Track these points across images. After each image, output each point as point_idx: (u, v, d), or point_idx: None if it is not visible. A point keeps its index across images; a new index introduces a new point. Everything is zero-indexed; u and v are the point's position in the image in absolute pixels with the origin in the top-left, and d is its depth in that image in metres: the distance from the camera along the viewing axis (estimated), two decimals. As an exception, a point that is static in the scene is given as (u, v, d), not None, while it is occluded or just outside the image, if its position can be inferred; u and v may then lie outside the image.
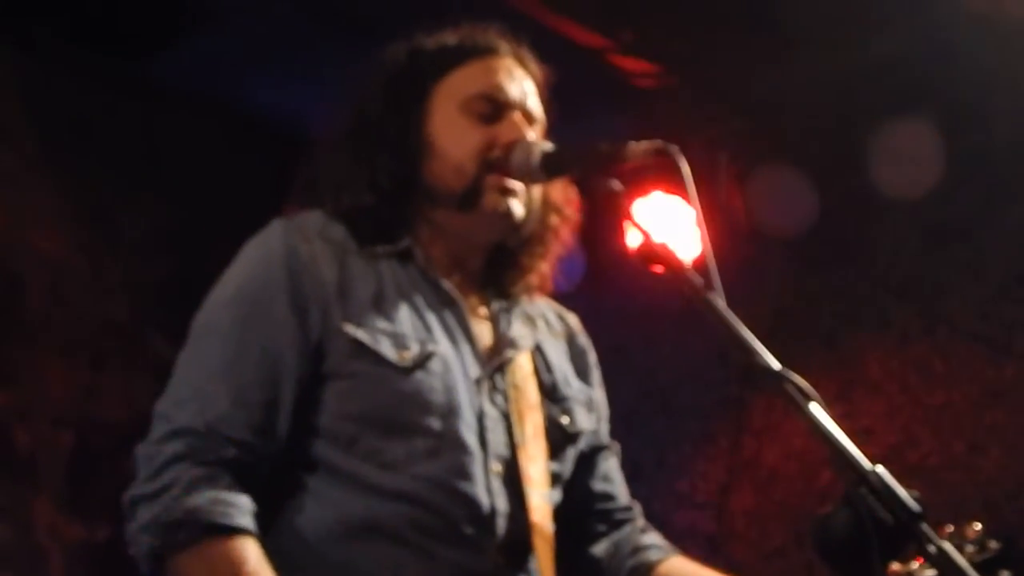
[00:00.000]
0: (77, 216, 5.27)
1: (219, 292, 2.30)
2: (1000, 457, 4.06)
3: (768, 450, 4.49)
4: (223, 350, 2.22)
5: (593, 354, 2.61)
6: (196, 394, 2.19)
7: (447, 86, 2.42)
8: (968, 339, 4.36)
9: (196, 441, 2.13)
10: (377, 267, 2.33)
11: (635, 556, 2.49)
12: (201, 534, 2.06)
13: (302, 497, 2.24)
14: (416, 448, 2.19)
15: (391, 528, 2.17)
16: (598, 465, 2.54)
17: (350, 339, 2.20)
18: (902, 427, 4.32)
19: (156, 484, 2.11)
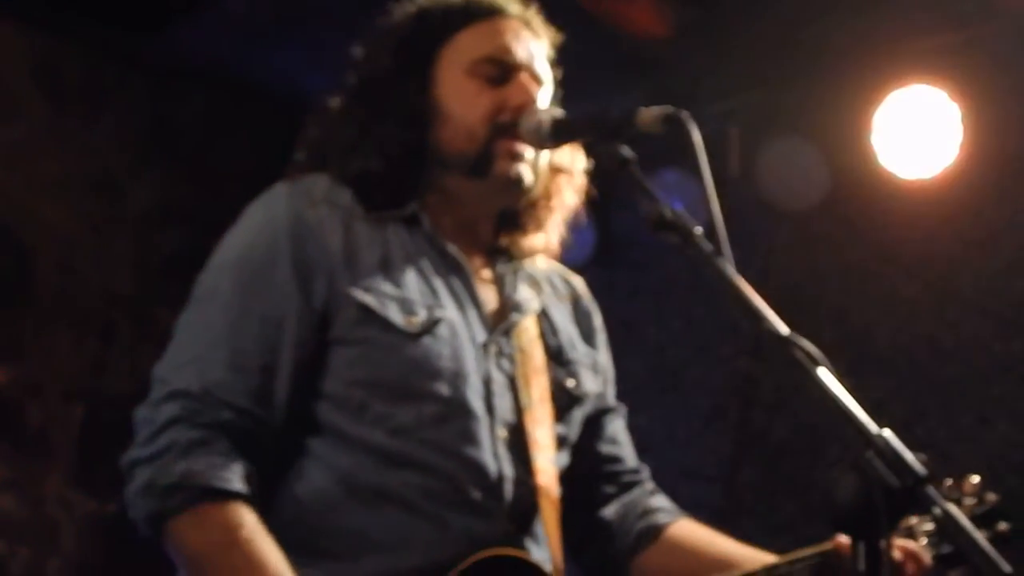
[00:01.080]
0: (87, 189, 5.27)
1: (221, 255, 2.32)
2: (1007, 430, 4.08)
3: (777, 425, 4.50)
4: (223, 315, 2.23)
5: (599, 317, 2.62)
6: (195, 358, 2.19)
7: (454, 49, 2.42)
8: (977, 314, 4.38)
9: (193, 404, 2.14)
10: (383, 232, 2.33)
11: (644, 519, 2.50)
12: (196, 498, 2.08)
13: (309, 464, 2.25)
14: (424, 414, 2.20)
15: (401, 495, 2.18)
16: (605, 428, 2.56)
17: (358, 304, 2.21)
18: (911, 401, 4.34)
19: (153, 447, 2.12)
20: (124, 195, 5.29)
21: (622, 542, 2.50)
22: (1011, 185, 4.38)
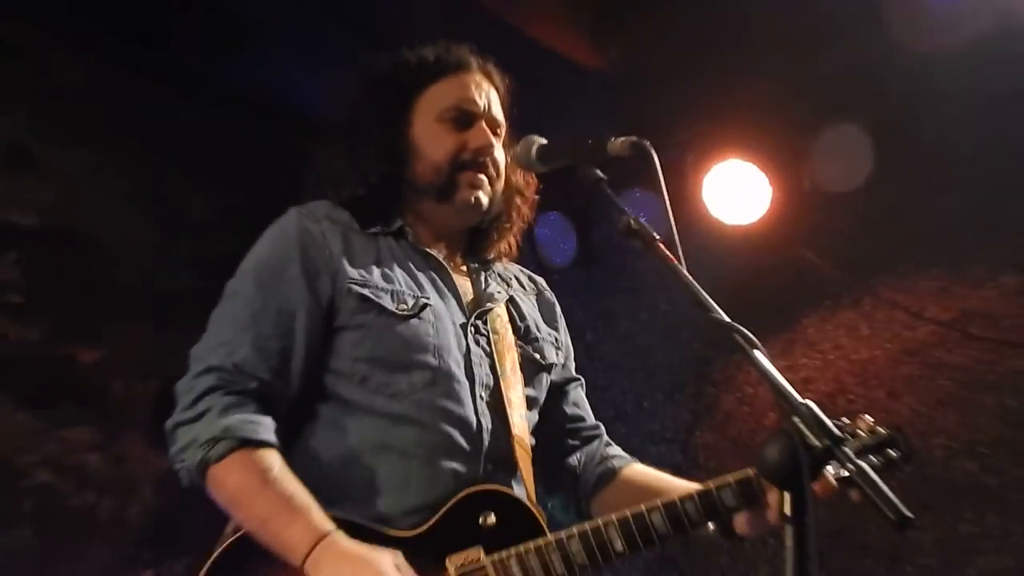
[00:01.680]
0: (154, 201, 5.29)
1: (245, 264, 2.38)
2: (913, 403, 4.13)
3: (725, 397, 4.54)
4: (247, 309, 2.30)
5: (558, 306, 2.71)
6: (225, 342, 2.26)
7: (426, 99, 2.50)
8: (888, 307, 4.42)
9: (226, 376, 2.21)
10: (376, 243, 2.42)
11: (603, 464, 2.57)
12: (234, 447, 2.14)
13: (323, 427, 2.32)
14: (416, 380, 2.28)
15: (400, 446, 2.25)
16: (568, 394, 2.64)
17: (357, 296, 2.30)
18: (834, 378, 4.35)
19: (194, 411, 2.20)
20: (186, 206, 5.31)
21: (586, 483, 2.57)
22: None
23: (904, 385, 4.28)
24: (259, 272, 2.35)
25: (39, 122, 5.03)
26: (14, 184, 4.97)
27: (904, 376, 4.30)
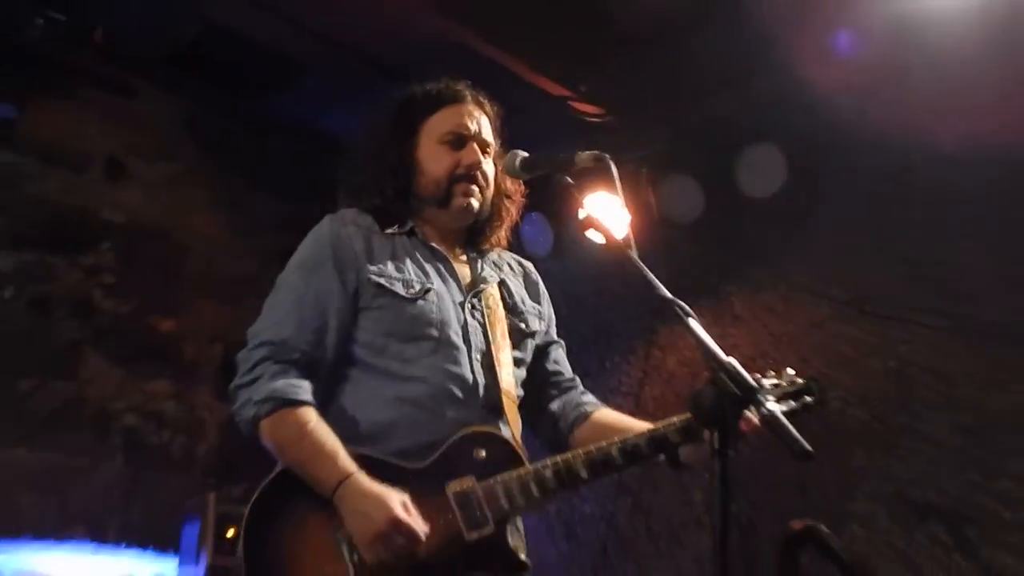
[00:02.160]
0: (223, 205, 5.30)
1: (292, 260, 2.42)
2: (818, 364, 4.13)
3: (669, 359, 4.53)
4: (292, 296, 2.33)
5: (542, 285, 2.69)
6: (275, 322, 2.30)
7: (428, 126, 2.50)
8: (799, 289, 4.43)
9: (275, 348, 2.24)
10: (392, 241, 2.43)
11: (578, 408, 2.55)
12: (280, 405, 2.18)
13: (352, 386, 2.34)
14: (423, 348, 2.30)
15: (411, 399, 2.26)
16: (550, 354, 2.62)
17: (375, 284, 2.32)
18: (755, 345, 4.37)
19: (249, 376, 2.24)
20: (248, 211, 5.31)
21: (564, 424, 2.55)
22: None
23: (811, 351, 4.29)
24: (301, 267, 2.38)
25: (131, 141, 5.06)
26: (109, 189, 5.00)
27: (811, 343, 4.31)
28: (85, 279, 4.81)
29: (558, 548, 4.88)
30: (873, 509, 3.96)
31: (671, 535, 4.56)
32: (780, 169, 4.44)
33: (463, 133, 2.48)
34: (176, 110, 5.17)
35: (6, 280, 4.60)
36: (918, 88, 4.05)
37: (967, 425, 3.81)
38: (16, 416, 4.51)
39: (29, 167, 4.73)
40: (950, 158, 4.01)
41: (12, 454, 4.46)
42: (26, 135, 4.69)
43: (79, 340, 4.75)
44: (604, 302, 4.67)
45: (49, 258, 4.73)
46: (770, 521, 4.12)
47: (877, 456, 4.02)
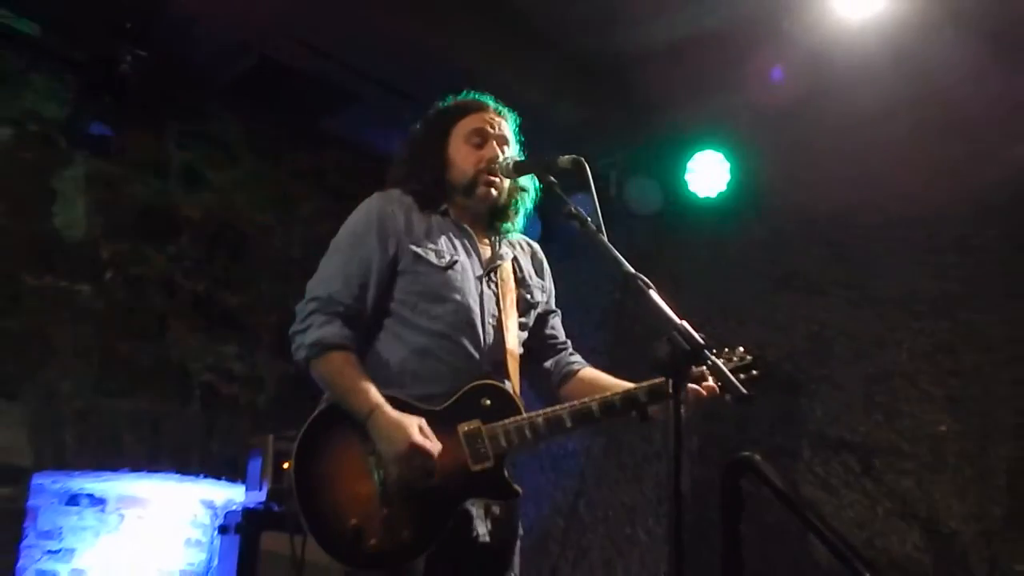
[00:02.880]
0: (276, 202, 5.28)
1: (343, 228, 2.37)
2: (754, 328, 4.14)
3: (635, 324, 4.53)
4: (341, 258, 2.30)
5: (546, 263, 2.63)
6: (325, 280, 2.27)
7: (458, 129, 2.44)
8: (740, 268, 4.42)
9: (324, 303, 2.21)
10: (429, 219, 2.37)
11: (567, 367, 2.52)
12: (325, 349, 2.17)
13: (386, 336, 2.30)
14: (447, 309, 2.25)
15: (434, 351, 2.23)
16: (548, 321, 2.57)
17: (413, 253, 2.28)
18: (704, 314, 4.22)
19: (303, 325, 2.22)
20: (296, 207, 5.29)
21: (555, 379, 2.52)
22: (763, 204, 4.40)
23: (749, 317, 4.28)
24: (350, 235, 2.34)
25: (205, 153, 5.03)
26: (188, 192, 4.98)
27: (749, 312, 4.30)
28: (169, 263, 4.80)
29: (546, 477, 4.88)
30: (798, 443, 3.96)
31: (636, 465, 4.56)
32: (723, 172, 4.43)
33: (485, 133, 2.42)
34: (239, 128, 5.14)
35: (108, 264, 4.59)
36: (833, 100, 4.04)
37: (872, 376, 3.82)
38: (118, 373, 4.50)
39: (124, 175, 4.71)
40: (858, 156, 4.01)
41: (116, 403, 4.46)
42: (121, 149, 4.67)
43: (165, 312, 4.74)
44: (584, 280, 4.64)
45: (141, 246, 4.72)
46: (715, 453, 4.11)
47: (802, 401, 4.01)
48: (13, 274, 4.28)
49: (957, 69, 3.67)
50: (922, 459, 3.60)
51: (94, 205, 4.58)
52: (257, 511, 3.98)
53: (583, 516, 4.71)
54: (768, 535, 3.78)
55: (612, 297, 4.64)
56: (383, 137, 5.03)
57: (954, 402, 3.57)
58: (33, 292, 4.33)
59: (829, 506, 3.78)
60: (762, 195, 4.37)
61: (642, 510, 4.49)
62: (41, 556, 4.59)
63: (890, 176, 3.94)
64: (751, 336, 4.08)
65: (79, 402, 4.35)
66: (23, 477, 4.11)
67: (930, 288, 3.74)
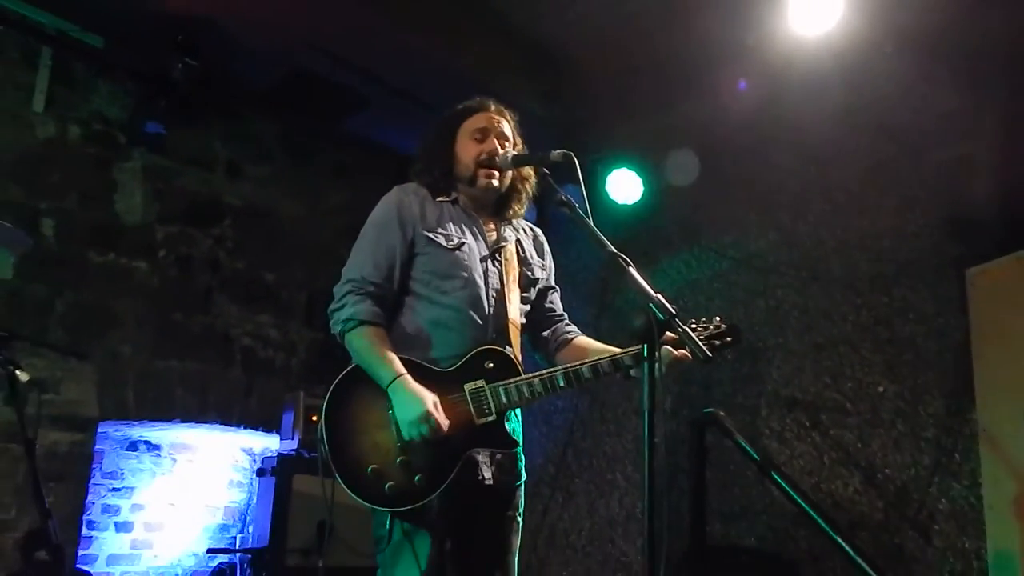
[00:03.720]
0: (304, 195, 5.24)
1: (370, 219, 2.33)
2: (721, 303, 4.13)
3: (617, 298, 4.52)
4: (369, 244, 2.27)
5: (546, 244, 2.59)
6: (357, 265, 2.24)
7: (463, 128, 2.40)
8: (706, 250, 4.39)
9: (357, 284, 2.18)
10: (441, 207, 2.33)
11: (563, 335, 2.50)
12: (357, 324, 2.15)
13: (407, 311, 2.27)
14: (456, 285, 2.23)
15: (446, 322, 2.22)
16: (547, 296, 2.54)
17: (426, 237, 2.25)
18: (675, 289, 4.32)
19: (339, 303, 2.19)
20: (323, 198, 5.27)
21: (552, 346, 2.50)
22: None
23: (714, 293, 4.26)
24: (375, 224, 2.31)
25: (244, 151, 5.01)
26: (229, 183, 4.95)
27: (714, 288, 4.28)
28: (214, 245, 4.78)
29: (539, 430, 4.90)
30: (756, 402, 3.96)
31: (617, 420, 4.57)
32: (695, 166, 4.40)
33: (486, 130, 2.39)
34: (273, 129, 5.11)
35: (160, 245, 4.58)
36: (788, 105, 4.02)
37: (820, 343, 3.81)
38: (171, 338, 4.51)
39: (175, 168, 4.69)
40: (810, 155, 4.00)
41: (169, 363, 4.47)
42: (172, 146, 4.65)
43: (211, 286, 4.74)
44: (571, 260, 4.62)
45: (189, 230, 4.71)
46: (685, 410, 4.12)
47: (760, 365, 4.01)
48: (81, 253, 4.28)
49: (893, 81, 3.66)
50: (863, 416, 3.61)
51: (150, 194, 4.58)
52: (290, 457, 3.99)
53: (571, 464, 4.74)
54: (729, 480, 3.80)
55: (597, 275, 4.62)
56: (397, 137, 5.04)
57: (891, 367, 3.57)
58: (98, 269, 4.32)
59: (782, 456, 3.78)
60: (728, 186, 4.34)
61: (621, 459, 4.51)
62: (106, 493, 4.61)
63: (835, 172, 3.92)
64: (716, 309, 4.07)
65: (138, 363, 4.35)
66: (91, 426, 4.13)
67: (870, 269, 3.73)
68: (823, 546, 3.41)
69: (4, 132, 4.13)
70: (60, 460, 3.95)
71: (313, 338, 4.96)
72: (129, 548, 4.64)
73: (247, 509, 5.05)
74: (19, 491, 3.73)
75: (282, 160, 5.12)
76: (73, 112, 4.35)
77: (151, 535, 4.73)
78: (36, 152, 4.20)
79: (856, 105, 3.81)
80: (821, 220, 3.95)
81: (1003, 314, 3.04)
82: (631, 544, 4.33)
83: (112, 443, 4.64)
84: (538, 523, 4.67)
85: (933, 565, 3.21)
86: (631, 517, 4.37)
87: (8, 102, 4.16)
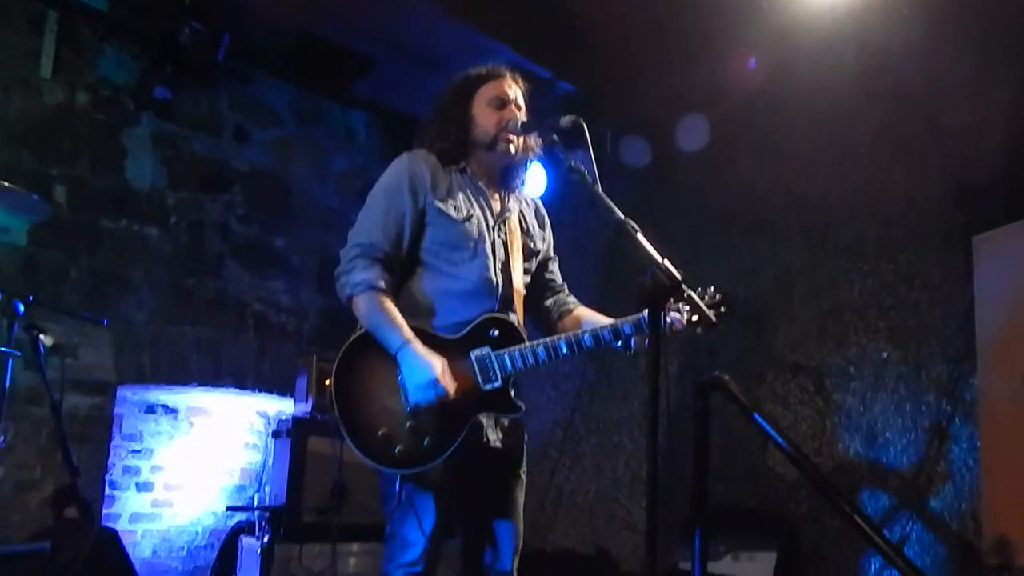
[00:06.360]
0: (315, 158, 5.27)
1: (378, 185, 2.32)
2: (728, 272, 4.14)
3: (624, 264, 4.49)
4: (377, 210, 2.27)
5: (547, 216, 2.61)
6: (365, 230, 2.25)
7: (480, 93, 2.39)
8: (714, 218, 4.40)
9: (364, 249, 2.20)
10: (451, 175, 2.34)
11: (564, 306, 2.53)
12: (366, 289, 2.16)
13: (414, 280, 2.30)
14: (464, 256, 2.26)
15: (453, 291, 2.25)
16: (548, 266, 2.57)
17: (436, 207, 2.26)
18: (682, 257, 4.27)
19: (347, 267, 2.21)
20: (332, 161, 5.30)
21: (554, 315, 2.54)
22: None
23: (721, 261, 4.24)
24: (385, 190, 2.31)
25: (252, 115, 5.02)
26: (237, 148, 4.98)
27: (721, 256, 4.28)
28: (224, 210, 4.83)
29: (547, 395, 4.96)
30: (762, 367, 4.00)
31: (623, 385, 4.62)
32: (705, 131, 4.40)
33: (504, 98, 2.39)
34: (282, 92, 5.12)
35: (172, 211, 4.63)
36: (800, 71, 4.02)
37: (826, 311, 3.83)
38: (184, 304, 4.58)
39: (183, 133, 4.72)
40: (821, 120, 3.99)
41: (183, 329, 4.56)
42: (180, 111, 4.68)
43: (222, 252, 4.79)
44: (579, 227, 4.64)
45: (199, 195, 4.75)
46: (690, 375, 4.18)
47: (766, 332, 4.04)
48: (93, 220, 4.34)
49: (907, 46, 3.64)
50: (866, 381, 3.65)
51: (159, 160, 4.61)
52: (304, 419, 4.08)
53: (578, 428, 4.81)
54: (734, 444, 3.86)
55: (605, 241, 4.64)
56: (407, 101, 5.04)
57: (894, 333, 3.61)
58: (111, 235, 4.39)
59: (786, 420, 3.84)
60: (735, 153, 4.34)
61: (627, 423, 4.57)
62: (126, 454, 4.74)
63: (846, 137, 3.92)
64: (724, 276, 4.09)
65: (153, 329, 4.44)
66: (109, 389, 4.23)
67: (877, 235, 3.75)
68: (823, 507, 3.48)
69: (13, 98, 4.16)
70: (81, 423, 4.05)
71: (324, 304, 5.02)
72: (150, 507, 4.79)
73: (262, 470, 5.17)
74: (43, 452, 3.85)
75: (290, 125, 5.15)
76: (81, 78, 4.37)
77: (171, 495, 4.86)
78: (46, 118, 4.24)
79: (870, 70, 3.79)
80: (830, 186, 3.95)
81: (1008, 281, 3.07)
82: (636, 505, 4.42)
83: (130, 406, 4.74)
84: (546, 484, 4.76)
85: (930, 526, 3.28)
86: (636, 479, 4.45)
87: (16, 68, 4.19)
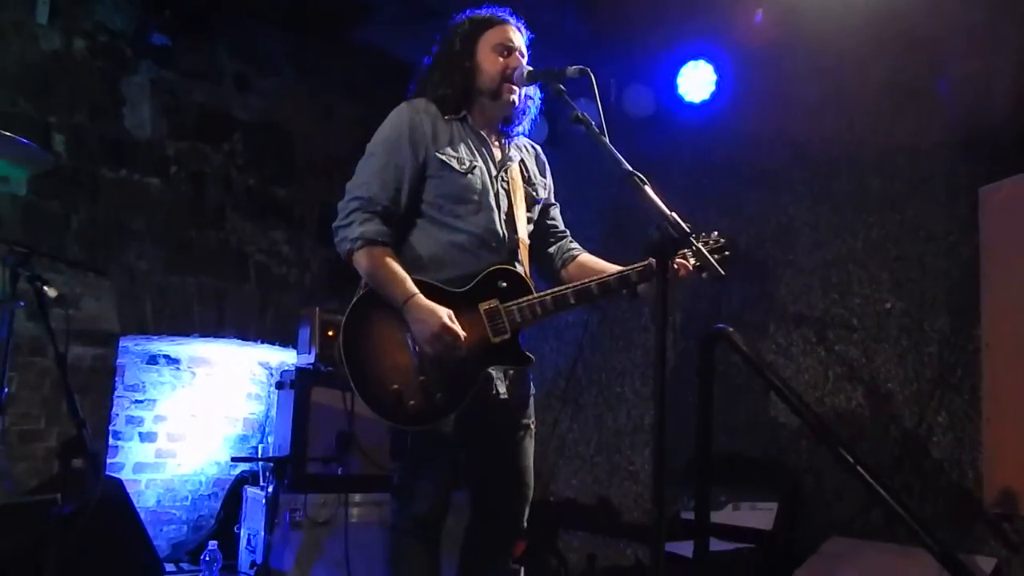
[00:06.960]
0: (317, 108, 5.20)
1: (378, 135, 2.31)
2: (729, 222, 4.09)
3: (629, 216, 4.50)
4: (377, 162, 2.26)
5: (547, 163, 2.61)
6: (364, 182, 2.23)
7: (485, 39, 2.37)
8: (715, 168, 4.35)
9: (363, 202, 2.19)
10: (451, 125, 2.33)
11: (567, 252, 2.54)
12: (366, 243, 2.16)
13: (417, 232, 2.30)
14: (469, 208, 2.26)
15: (459, 244, 2.24)
16: (549, 212, 2.57)
17: (438, 159, 2.25)
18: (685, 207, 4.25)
19: (345, 221, 2.20)
20: (335, 109, 5.24)
21: (557, 263, 2.56)
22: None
23: (723, 211, 4.16)
24: (384, 142, 2.30)
25: (252, 62, 4.97)
26: (237, 96, 4.93)
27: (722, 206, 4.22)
28: (225, 160, 4.79)
29: (550, 345, 4.99)
30: (764, 318, 4.02)
31: (625, 336, 4.65)
32: (709, 81, 4.36)
33: (509, 45, 2.37)
34: (280, 40, 5.05)
35: (172, 161, 4.60)
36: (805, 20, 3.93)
37: (829, 261, 3.84)
38: (186, 254, 4.57)
39: (183, 82, 4.66)
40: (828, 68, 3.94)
41: (185, 280, 4.55)
42: (179, 59, 4.62)
43: (223, 203, 4.77)
44: (583, 177, 4.57)
45: (200, 145, 4.71)
46: (694, 327, 4.20)
47: (769, 283, 4.05)
48: (93, 170, 4.31)
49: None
50: (868, 331, 3.67)
51: (158, 108, 4.56)
52: (308, 370, 4.10)
53: (581, 378, 4.85)
54: (736, 395, 3.90)
55: (610, 192, 4.62)
56: (407, 48, 4.94)
57: (898, 284, 3.61)
58: (111, 185, 4.36)
59: (788, 371, 3.87)
60: (741, 102, 4.29)
61: (630, 373, 4.61)
62: (129, 405, 4.78)
63: (852, 86, 3.87)
64: (727, 226, 4.04)
65: (155, 279, 4.44)
66: (112, 340, 4.24)
67: (882, 186, 3.73)
68: (824, 457, 3.53)
69: (9, 45, 4.09)
70: (84, 374, 4.08)
71: (326, 255, 5.01)
72: (154, 457, 4.85)
73: (265, 421, 5.23)
74: (46, 403, 3.88)
75: (290, 73, 5.08)
76: (78, 23, 4.30)
77: (174, 445, 4.93)
78: (43, 65, 4.18)
79: (879, 15, 3.73)
80: (835, 136, 3.92)
81: (1013, 233, 3.06)
82: (638, 454, 4.48)
83: (132, 357, 4.77)
84: (548, 434, 4.82)
85: (931, 476, 3.33)
86: (638, 429, 4.50)
87: (11, 13, 4.11)
